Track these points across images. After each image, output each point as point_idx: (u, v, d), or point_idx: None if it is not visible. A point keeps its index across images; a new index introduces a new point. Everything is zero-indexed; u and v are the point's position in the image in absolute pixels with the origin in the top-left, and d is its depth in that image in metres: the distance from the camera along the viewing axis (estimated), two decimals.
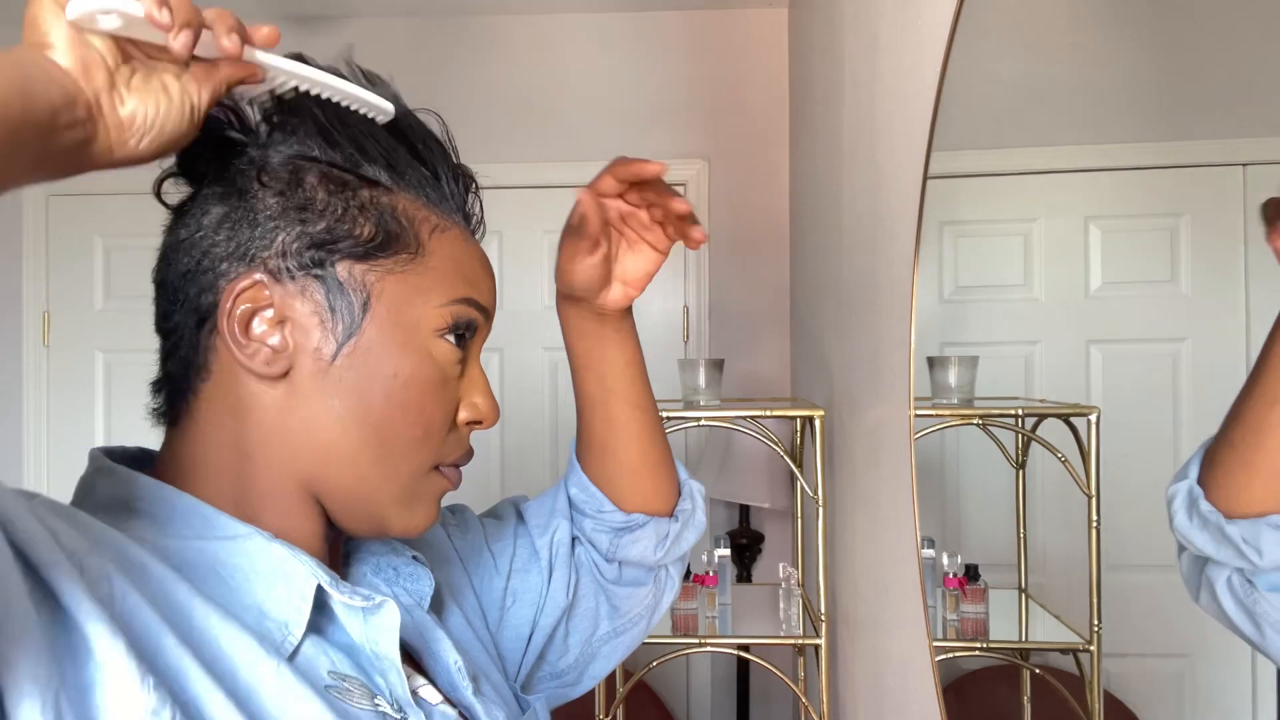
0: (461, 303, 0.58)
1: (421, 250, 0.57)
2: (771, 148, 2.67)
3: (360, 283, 0.55)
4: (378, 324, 0.55)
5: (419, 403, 0.56)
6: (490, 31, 2.70)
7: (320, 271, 0.54)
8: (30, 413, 2.73)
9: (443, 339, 0.57)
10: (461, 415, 0.60)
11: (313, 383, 0.54)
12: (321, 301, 0.54)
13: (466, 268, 0.59)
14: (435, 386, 0.57)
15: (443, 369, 0.58)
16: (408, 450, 0.56)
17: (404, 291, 0.56)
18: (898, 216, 1.26)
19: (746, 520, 2.55)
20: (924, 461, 1.17)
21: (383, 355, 0.55)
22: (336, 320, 0.54)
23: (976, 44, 1.00)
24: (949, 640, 1.18)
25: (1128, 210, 0.91)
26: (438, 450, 0.58)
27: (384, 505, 0.57)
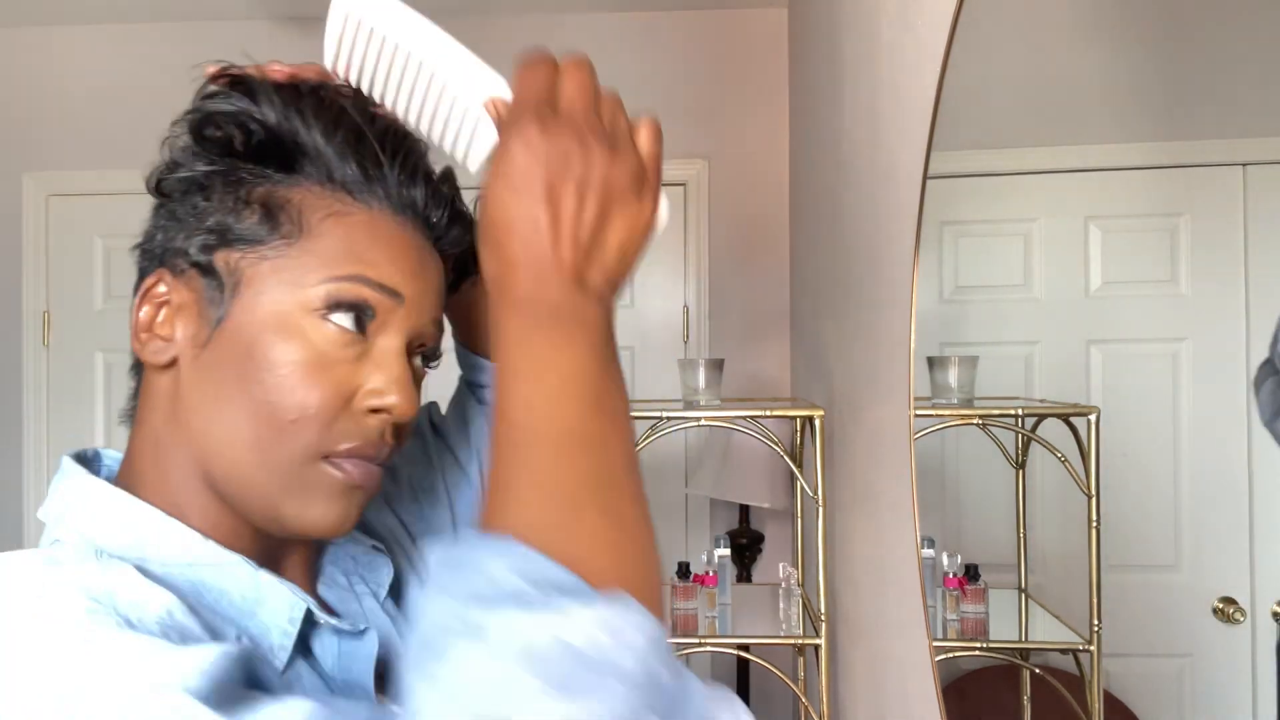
0: (343, 280, 0.54)
1: (304, 234, 0.55)
2: (771, 148, 2.67)
3: (233, 269, 0.55)
4: (244, 306, 0.55)
5: (288, 385, 0.53)
6: (490, 31, 2.69)
7: (202, 261, 0.56)
8: (30, 413, 2.73)
9: (325, 320, 0.54)
10: (364, 402, 0.55)
11: (191, 370, 0.56)
12: (201, 290, 0.56)
13: (363, 248, 0.56)
14: (308, 368, 0.54)
15: (320, 351, 0.54)
16: (281, 435, 0.54)
17: (276, 274, 0.55)
18: (898, 216, 1.26)
19: (746, 520, 2.56)
20: (924, 461, 1.17)
21: (248, 337, 0.54)
22: (211, 308, 0.55)
23: (976, 44, 1.00)
24: (949, 640, 1.18)
25: (1128, 210, 0.91)
26: (320, 436, 0.54)
27: (270, 497, 0.55)
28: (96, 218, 2.72)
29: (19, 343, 2.74)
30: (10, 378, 2.74)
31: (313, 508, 0.55)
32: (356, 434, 0.55)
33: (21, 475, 2.73)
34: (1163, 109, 0.87)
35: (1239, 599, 0.79)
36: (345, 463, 0.55)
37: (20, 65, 2.76)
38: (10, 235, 2.74)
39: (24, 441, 2.73)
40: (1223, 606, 0.80)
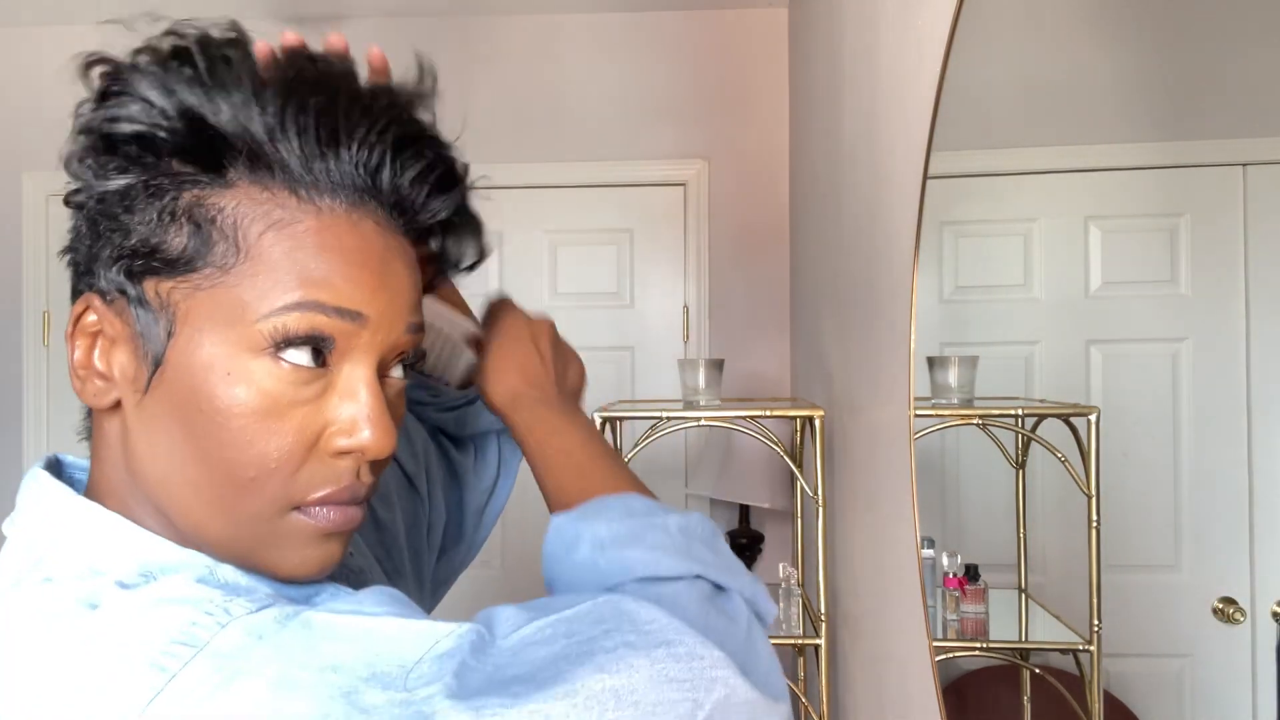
0: (292, 310, 0.47)
1: (242, 256, 0.47)
2: (771, 148, 2.67)
3: (166, 302, 0.47)
4: (182, 348, 0.47)
5: (241, 439, 0.47)
6: (490, 31, 2.70)
7: (131, 291, 0.48)
8: (30, 413, 2.73)
9: (277, 359, 0.47)
10: (335, 444, 0.49)
11: (136, 418, 0.49)
12: (134, 325, 0.48)
13: (313, 266, 0.47)
14: (263, 417, 0.47)
15: (274, 397, 0.47)
16: (242, 492, 0.47)
17: (213, 310, 0.47)
18: (898, 216, 1.26)
19: (746, 520, 2.56)
20: (924, 461, 1.17)
21: (190, 386, 0.47)
22: (146, 346, 0.48)
23: (976, 44, 1.00)
24: (949, 640, 1.18)
25: (1128, 210, 0.91)
26: (284, 490, 0.48)
27: (241, 550, 0.49)
28: None
29: (19, 343, 2.74)
30: (10, 378, 2.74)
31: (288, 557, 0.49)
32: (327, 479, 0.49)
33: (21, 475, 2.73)
34: (1163, 109, 0.87)
35: (1239, 599, 0.79)
36: (318, 510, 0.49)
37: (20, 65, 2.76)
38: (10, 235, 2.74)
39: (24, 441, 2.73)
40: (1223, 606, 0.80)
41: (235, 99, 0.47)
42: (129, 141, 0.48)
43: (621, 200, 2.71)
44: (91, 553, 0.48)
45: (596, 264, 2.71)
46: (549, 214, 2.71)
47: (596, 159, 2.70)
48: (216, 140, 0.47)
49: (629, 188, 2.71)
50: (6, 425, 2.74)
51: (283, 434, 0.47)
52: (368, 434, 0.49)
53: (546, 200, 2.71)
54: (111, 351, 0.50)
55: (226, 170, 0.48)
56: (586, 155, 2.70)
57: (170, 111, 0.47)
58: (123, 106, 0.48)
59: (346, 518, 0.50)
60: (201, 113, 0.47)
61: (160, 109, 0.47)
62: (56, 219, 2.75)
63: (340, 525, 0.50)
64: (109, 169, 0.48)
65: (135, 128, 0.47)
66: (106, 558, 0.48)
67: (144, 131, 0.47)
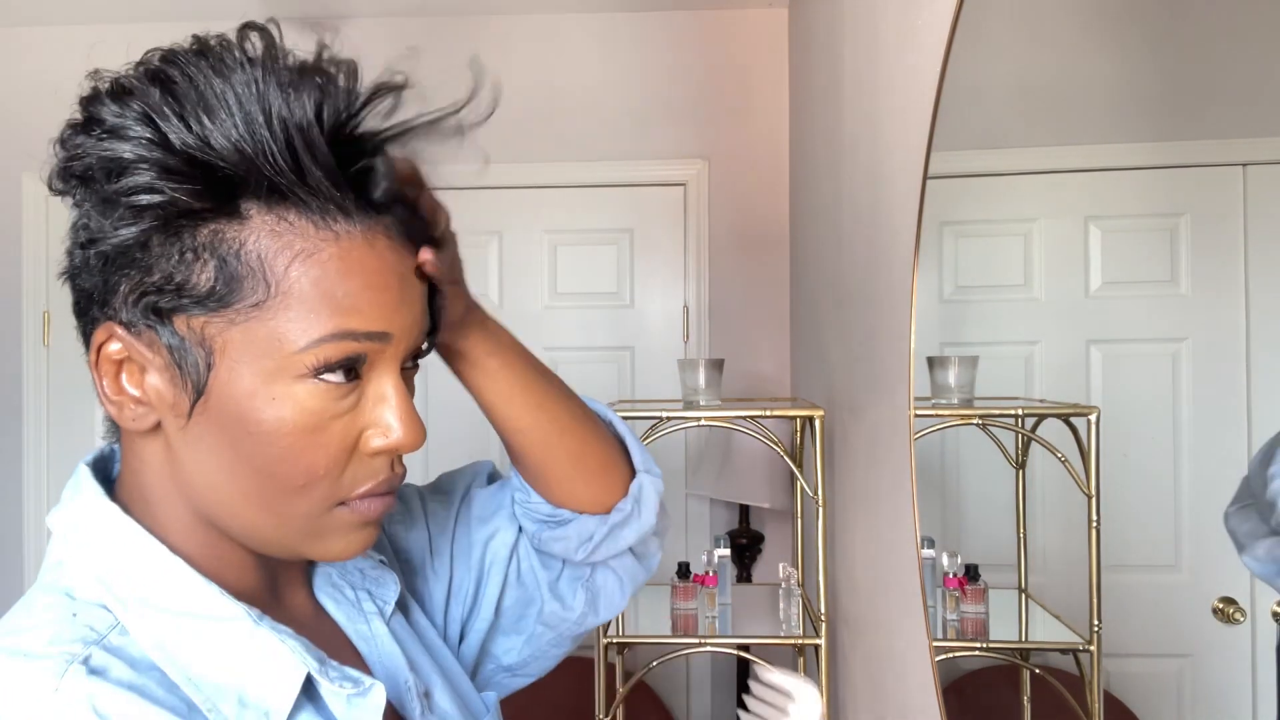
0: (330, 340, 0.49)
1: (272, 291, 0.49)
2: (771, 148, 2.67)
3: (200, 338, 0.49)
4: (225, 380, 0.50)
5: (291, 454, 0.51)
6: (490, 31, 2.70)
7: (159, 325, 0.50)
8: (30, 413, 2.73)
9: (315, 381, 0.50)
10: (373, 444, 0.53)
11: (180, 439, 0.52)
12: (166, 356, 0.50)
13: (342, 294, 0.50)
14: (309, 433, 0.51)
15: (316, 414, 0.51)
16: (292, 497, 0.52)
17: (250, 343, 0.49)
18: (898, 216, 1.26)
19: (746, 520, 2.55)
20: (924, 461, 1.17)
21: (237, 411, 0.50)
22: (185, 378, 0.50)
23: (976, 44, 1.00)
24: (949, 640, 1.18)
25: (1128, 210, 0.91)
26: (331, 491, 0.53)
27: (291, 544, 0.54)
28: None
29: (19, 343, 2.74)
30: (10, 378, 2.74)
31: (334, 545, 0.55)
32: (368, 476, 0.54)
33: (21, 475, 2.73)
34: (1163, 109, 0.87)
35: (1239, 599, 0.79)
36: (359, 503, 0.54)
37: (20, 65, 2.76)
38: (10, 235, 2.74)
39: (24, 441, 2.73)
40: (1223, 606, 0.80)
41: (241, 132, 0.47)
42: (137, 197, 0.47)
43: (621, 200, 2.71)
44: (96, 567, 0.52)
45: (596, 264, 2.71)
46: (549, 214, 2.71)
47: (596, 159, 2.70)
48: (227, 178, 0.48)
49: (629, 188, 2.71)
50: (6, 425, 2.74)
51: (327, 445, 0.52)
52: (400, 433, 0.54)
53: (546, 200, 2.70)
54: (143, 377, 0.52)
55: (240, 202, 0.49)
56: (586, 155, 2.70)
57: (177, 155, 0.47)
58: (126, 159, 0.47)
59: (384, 505, 0.56)
60: (207, 151, 0.47)
61: (166, 154, 0.47)
62: (57, 219, 2.75)
63: (378, 513, 0.56)
64: (122, 218, 0.48)
65: (155, 198, 0.47)
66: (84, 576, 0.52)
67: (163, 197, 0.47)
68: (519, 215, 2.69)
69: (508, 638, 0.77)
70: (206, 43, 0.49)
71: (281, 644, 0.52)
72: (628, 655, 1.91)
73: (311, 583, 0.64)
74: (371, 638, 0.63)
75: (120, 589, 0.51)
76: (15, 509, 2.73)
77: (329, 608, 0.63)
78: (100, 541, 0.53)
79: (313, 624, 0.61)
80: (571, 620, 0.77)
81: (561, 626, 0.77)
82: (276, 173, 0.48)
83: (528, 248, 2.71)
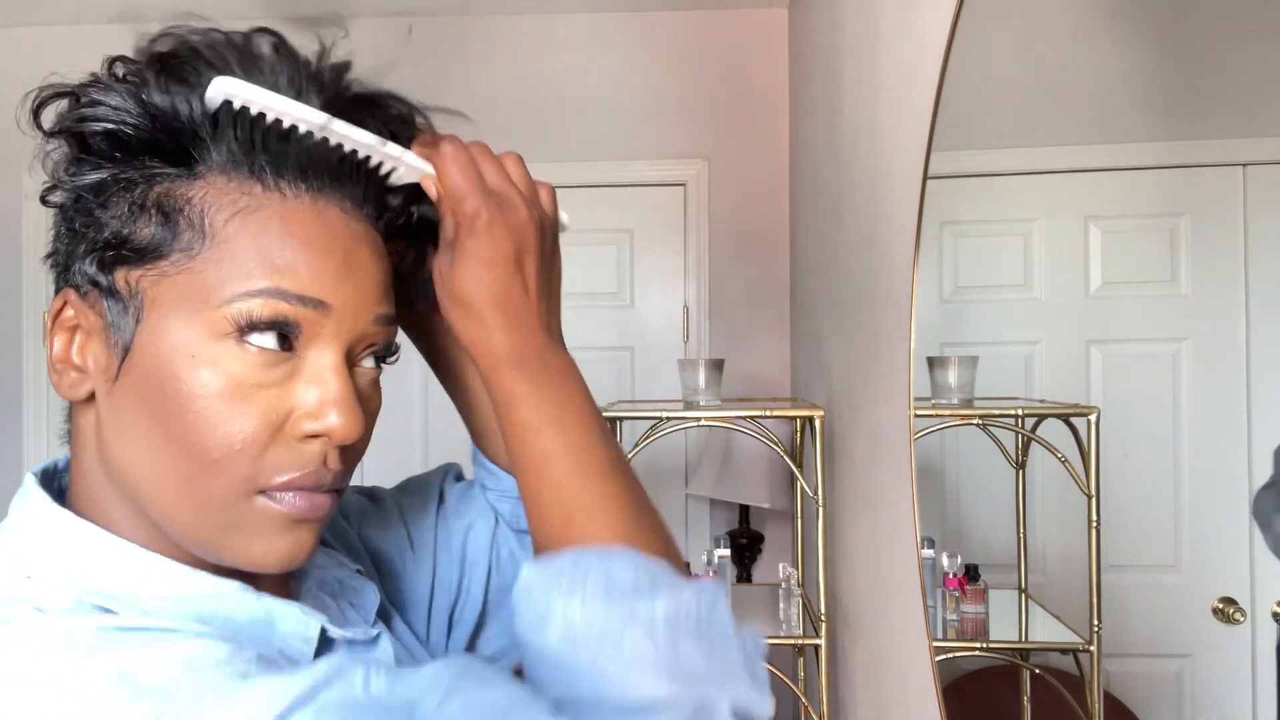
0: (256, 296, 0.47)
1: (207, 242, 0.48)
2: (771, 148, 2.67)
3: (135, 290, 0.48)
4: (149, 334, 0.48)
5: (206, 421, 0.47)
6: (490, 31, 2.70)
7: (103, 282, 0.49)
8: (30, 413, 2.73)
9: (242, 343, 0.48)
10: (299, 427, 0.49)
11: (107, 405, 0.50)
12: (105, 315, 0.49)
13: (277, 252, 0.48)
14: (228, 399, 0.47)
15: (238, 380, 0.48)
16: (207, 474, 0.48)
17: (179, 295, 0.48)
18: (898, 216, 1.26)
19: (746, 520, 2.56)
20: (924, 461, 1.17)
21: (157, 370, 0.48)
22: (116, 335, 0.49)
23: (976, 44, 1.00)
24: (949, 640, 1.18)
25: (1128, 210, 0.91)
26: (250, 471, 0.48)
27: (208, 536, 0.50)
28: None
29: (19, 343, 2.74)
30: (10, 378, 2.74)
31: (254, 544, 0.50)
32: (293, 463, 0.49)
33: (21, 475, 2.73)
34: (1163, 109, 0.87)
35: (1239, 599, 0.79)
36: (284, 495, 0.49)
37: (19, 65, 2.76)
38: (10, 235, 2.74)
39: (24, 441, 2.73)
40: (1223, 606, 0.80)
41: (200, 93, 0.48)
42: (101, 139, 0.49)
43: (621, 200, 2.72)
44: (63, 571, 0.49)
45: (596, 264, 2.71)
46: None
47: (596, 159, 2.70)
48: (183, 134, 0.48)
49: (629, 188, 2.71)
50: (6, 425, 2.74)
51: (248, 415, 0.48)
52: (335, 418, 0.49)
53: None
54: (87, 344, 0.50)
55: (195, 163, 0.49)
56: (586, 155, 2.70)
57: (136, 108, 0.48)
58: (93, 108, 0.49)
59: (313, 505, 0.50)
60: (167, 108, 0.48)
61: (128, 107, 0.48)
62: None
63: (307, 512, 0.50)
64: (83, 167, 0.49)
65: (104, 125, 0.48)
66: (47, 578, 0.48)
67: (113, 129, 0.48)
68: None
69: (491, 626, 0.77)
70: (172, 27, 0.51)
71: (287, 605, 0.51)
72: None
73: (292, 592, 0.62)
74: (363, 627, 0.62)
75: (110, 589, 0.48)
76: None
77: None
78: (72, 555, 0.49)
79: None
80: None
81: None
82: (231, 129, 0.48)
83: None
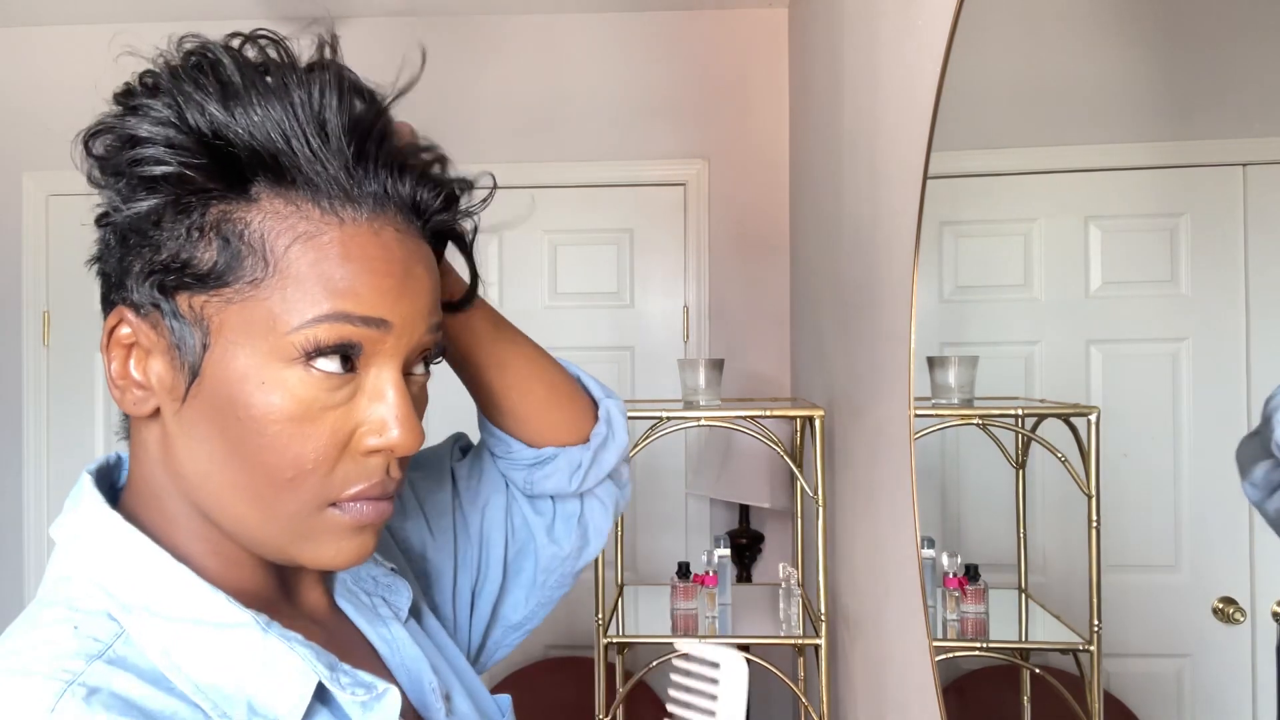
0: (323, 322, 0.49)
1: (270, 270, 0.49)
2: (771, 148, 2.67)
3: (200, 316, 0.50)
4: (217, 360, 0.50)
5: (278, 443, 0.50)
6: (490, 31, 2.70)
7: (164, 305, 0.50)
8: (30, 413, 2.73)
9: (307, 367, 0.50)
10: (366, 443, 0.52)
11: (175, 424, 0.52)
12: (169, 337, 0.51)
13: (339, 277, 0.50)
14: (298, 423, 0.50)
15: (306, 403, 0.50)
16: (281, 492, 0.50)
17: (245, 322, 0.49)
18: (898, 216, 1.26)
19: (746, 520, 2.55)
20: (924, 461, 1.17)
21: (227, 395, 0.50)
22: (183, 357, 0.50)
23: (976, 44, 1.00)
24: (949, 640, 1.18)
25: (1128, 210, 0.91)
26: (321, 488, 0.51)
27: (279, 544, 0.53)
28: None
29: (19, 343, 2.74)
30: (10, 378, 2.74)
31: (325, 549, 0.53)
32: (360, 476, 0.52)
33: (21, 475, 2.73)
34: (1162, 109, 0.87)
35: (1239, 599, 0.79)
36: (352, 505, 0.52)
37: (20, 65, 2.76)
38: (10, 235, 2.74)
39: (24, 441, 2.73)
40: (1223, 606, 0.80)
41: (255, 115, 0.49)
42: (154, 169, 0.49)
43: (621, 200, 2.72)
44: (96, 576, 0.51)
45: (596, 264, 2.71)
46: (549, 214, 2.71)
47: (596, 159, 2.70)
48: (239, 158, 0.49)
49: (629, 188, 2.71)
50: (6, 425, 2.74)
51: (317, 437, 0.50)
52: (396, 433, 0.52)
53: (546, 200, 2.71)
54: (147, 361, 0.52)
55: (250, 185, 0.50)
56: (586, 155, 2.70)
57: (191, 134, 0.49)
58: (142, 135, 0.49)
59: (378, 512, 0.53)
60: (222, 133, 0.49)
61: (180, 133, 0.49)
62: (57, 219, 2.75)
63: (373, 518, 0.53)
64: (137, 191, 0.50)
65: (162, 169, 0.49)
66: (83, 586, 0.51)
67: (170, 169, 0.49)
68: (519, 215, 2.69)
69: (512, 594, 0.79)
70: (222, 41, 0.52)
71: (291, 651, 0.51)
72: (628, 655, 1.91)
73: (328, 588, 0.63)
74: (393, 640, 0.63)
75: (124, 596, 0.50)
76: (15, 509, 2.73)
77: (349, 612, 0.63)
78: (102, 550, 0.52)
79: (332, 626, 0.61)
80: (569, 557, 0.79)
81: (562, 568, 0.79)
82: (288, 158, 0.50)
83: (528, 248, 2.71)
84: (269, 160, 0.49)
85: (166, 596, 0.50)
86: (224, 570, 0.54)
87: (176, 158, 0.49)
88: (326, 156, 0.50)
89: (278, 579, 0.58)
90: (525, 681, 2.48)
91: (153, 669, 0.48)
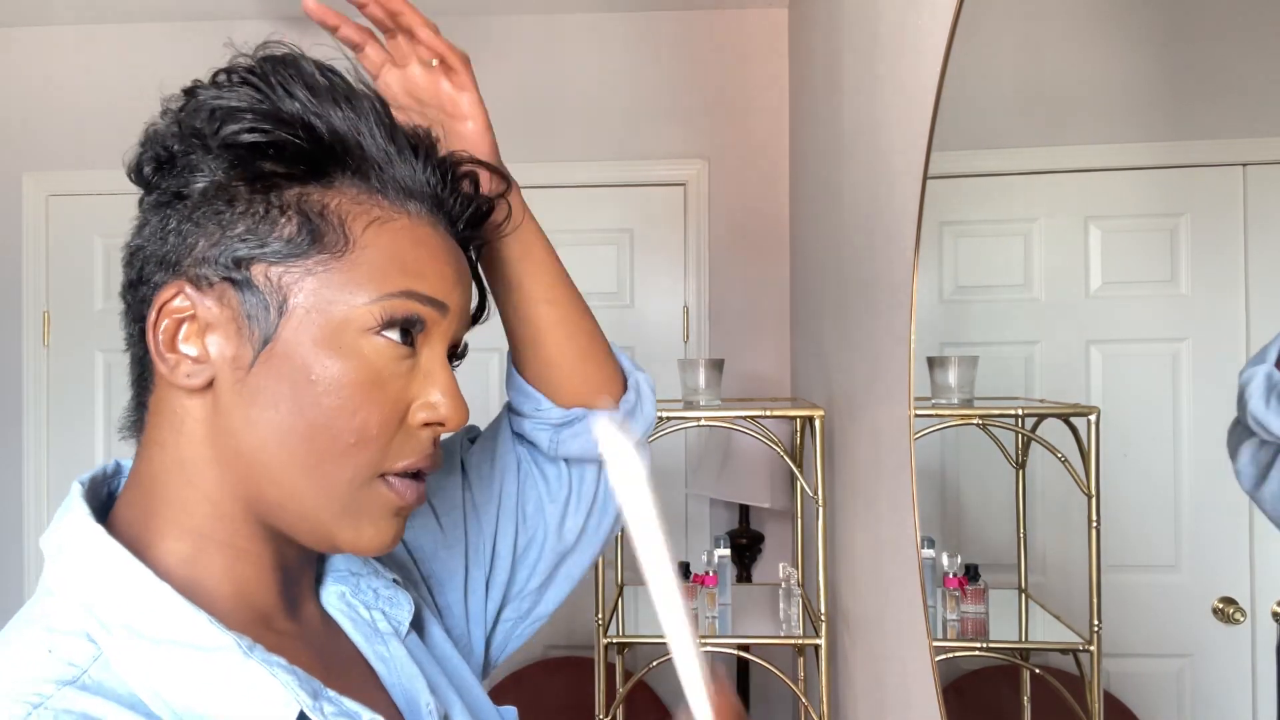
0: (396, 297, 0.54)
1: (350, 246, 0.53)
2: (771, 148, 2.67)
3: (276, 285, 0.53)
4: (294, 327, 0.52)
5: (348, 407, 0.52)
6: (490, 31, 2.70)
7: (237, 276, 0.52)
8: (30, 413, 2.73)
9: (378, 336, 0.54)
10: (418, 416, 0.56)
11: (234, 394, 0.53)
12: (238, 308, 0.53)
13: (410, 259, 0.55)
14: (368, 388, 0.53)
15: (377, 370, 0.54)
16: (340, 458, 0.53)
17: (326, 290, 0.53)
18: (898, 216, 1.26)
19: (746, 520, 2.56)
20: (924, 461, 1.17)
21: (302, 359, 0.52)
22: (253, 326, 0.52)
23: (976, 44, 1.00)
24: (949, 640, 1.18)
25: (1128, 210, 0.91)
26: (379, 457, 0.54)
27: (326, 521, 0.54)
28: (96, 218, 2.72)
29: (19, 343, 2.74)
30: (10, 378, 2.74)
31: (365, 529, 0.55)
32: (412, 450, 0.56)
33: (21, 475, 2.73)
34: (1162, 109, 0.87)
35: (1239, 599, 0.79)
36: (398, 482, 0.55)
37: (20, 65, 2.76)
38: (10, 235, 2.74)
39: (24, 441, 2.73)
40: (1223, 606, 0.80)
41: (339, 111, 0.54)
42: (241, 140, 0.53)
43: (621, 200, 2.72)
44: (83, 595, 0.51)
45: (596, 264, 2.71)
46: (549, 214, 2.70)
47: (596, 159, 2.70)
48: (323, 145, 0.54)
49: (629, 188, 2.71)
50: (6, 425, 2.74)
51: (383, 404, 0.54)
52: (448, 409, 0.56)
53: (547, 200, 2.70)
54: (203, 334, 0.53)
55: (328, 172, 0.55)
56: (586, 155, 2.70)
57: (284, 116, 0.53)
58: (240, 108, 0.53)
59: (418, 494, 0.57)
60: (311, 121, 0.54)
61: (272, 115, 0.53)
62: (57, 219, 2.75)
63: (412, 500, 0.56)
64: (212, 167, 0.54)
65: (256, 137, 0.53)
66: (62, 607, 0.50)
67: (263, 139, 0.53)
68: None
69: (520, 575, 0.78)
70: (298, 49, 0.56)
71: (273, 677, 0.49)
72: (628, 655, 1.91)
73: (321, 601, 0.62)
74: (390, 659, 0.61)
75: (105, 614, 0.49)
76: (15, 508, 2.73)
77: (345, 627, 0.62)
78: (84, 565, 0.51)
79: (328, 644, 0.60)
80: (570, 551, 0.79)
81: (590, 542, 0.80)
82: (366, 152, 0.55)
83: None
84: (353, 151, 0.55)
85: (146, 615, 0.49)
86: (228, 569, 0.54)
87: (273, 132, 0.53)
88: (396, 156, 0.56)
89: (282, 584, 0.58)
90: (525, 681, 2.48)
91: (130, 694, 0.47)
